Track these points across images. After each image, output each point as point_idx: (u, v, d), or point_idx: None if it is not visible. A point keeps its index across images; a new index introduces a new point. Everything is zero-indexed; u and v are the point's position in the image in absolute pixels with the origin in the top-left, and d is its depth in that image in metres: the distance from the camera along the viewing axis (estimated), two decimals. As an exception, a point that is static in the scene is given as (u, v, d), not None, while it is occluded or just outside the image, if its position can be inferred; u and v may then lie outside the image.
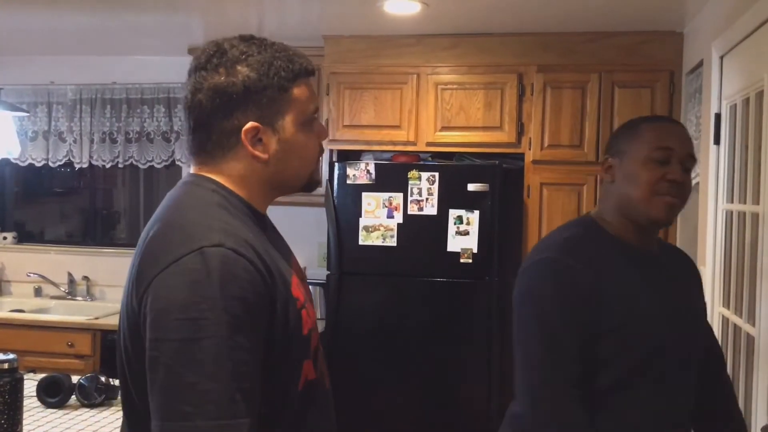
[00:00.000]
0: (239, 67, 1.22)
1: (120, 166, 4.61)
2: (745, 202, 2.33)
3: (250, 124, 1.22)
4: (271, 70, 1.23)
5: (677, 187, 1.55)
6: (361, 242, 3.65)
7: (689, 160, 1.59)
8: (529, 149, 3.65)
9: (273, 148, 1.25)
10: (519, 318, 1.59)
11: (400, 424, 3.62)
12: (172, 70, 4.45)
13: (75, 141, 4.63)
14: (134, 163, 4.59)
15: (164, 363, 1.06)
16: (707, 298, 2.70)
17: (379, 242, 3.64)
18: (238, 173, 1.26)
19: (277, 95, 1.24)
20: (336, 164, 3.71)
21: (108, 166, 4.62)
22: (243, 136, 1.22)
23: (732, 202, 2.50)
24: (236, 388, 1.06)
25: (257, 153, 1.24)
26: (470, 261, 3.53)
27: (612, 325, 1.51)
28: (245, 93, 1.22)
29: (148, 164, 4.58)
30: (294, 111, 1.26)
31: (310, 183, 1.34)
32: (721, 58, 2.63)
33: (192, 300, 1.07)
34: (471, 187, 3.55)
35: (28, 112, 4.49)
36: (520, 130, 3.65)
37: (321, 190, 3.94)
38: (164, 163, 4.57)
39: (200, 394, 1.05)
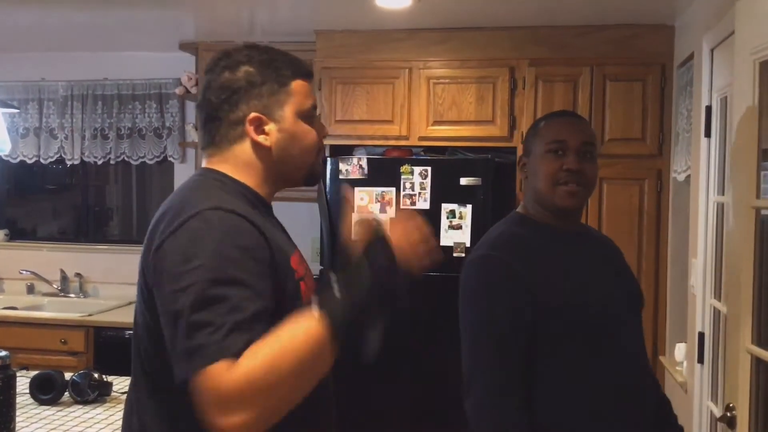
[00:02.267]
0: (242, 67, 1.39)
1: (112, 162, 4.59)
2: (736, 195, 2.34)
3: (253, 114, 1.37)
4: (270, 66, 1.39)
5: (576, 174, 1.70)
6: (354, 237, 3.63)
7: (586, 146, 1.73)
8: (521, 143, 3.64)
9: (275, 137, 1.38)
10: (462, 314, 1.73)
11: (395, 418, 3.63)
12: (164, 66, 4.43)
13: (66, 137, 4.62)
14: (126, 159, 4.57)
15: (179, 311, 1.18)
16: (699, 290, 2.72)
17: (372, 237, 3.63)
18: (243, 161, 1.39)
19: (277, 88, 1.38)
20: (328, 159, 3.71)
21: (100, 162, 4.61)
22: (247, 125, 1.37)
23: (723, 194, 2.51)
24: (231, 323, 1.15)
25: (260, 140, 1.38)
26: (463, 255, 3.54)
27: (555, 303, 1.64)
28: (247, 87, 1.37)
29: (140, 160, 4.57)
30: (293, 103, 1.39)
31: (311, 175, 1.46)
32: (712, 51, 2.64)
33: (194, 251, 1.20)
34: (463, 181, 3.56)
35: (18, 108, 4.47)
36: (512, 124, 3.66)
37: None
38: (156, 159, 4.55)
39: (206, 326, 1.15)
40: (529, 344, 1.64)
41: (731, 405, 1.86)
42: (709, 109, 2.65)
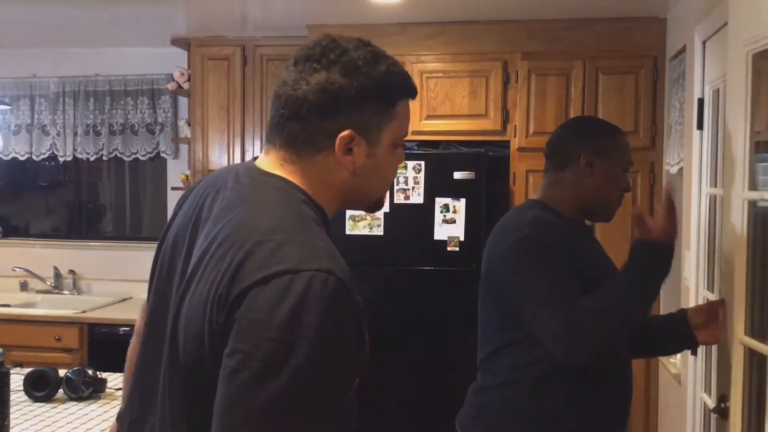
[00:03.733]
0: (356, 73, 1.16)
1: (104, 158, 4.58)
2: (728, 187, 2.34)
3: (347, 132, 1.15)
4: (384, 81, 1.18)
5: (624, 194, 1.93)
6: (348, 232, 3.64)
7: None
8: (515, 137, 3.65)
9: (361, 162, 1.18)
10: (518, 269, 1.80)
11: (389, 413, 3.63)
12: (156, 62, 4.42)
13: (58, 134, 4.60)
14: (119, 155, 4.56)
15: (242, 379, 0.96)
16: (692, 282, 2.73)
17: (365, 231, 3.64)
18: (320, 178, 1.18)
19: (383, 109, 1.18)
20: (322, 154, 3.70)
21: (92, 158, 4.59)
22: (338, 141, 1.15)
23: (715, 186, 2.51)
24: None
25: (345, 162, 1.17)
26: (457, 249, 3.54)
27: (592, 274, 1.79)
28: (355, 99, 1.15)
29: (133, 156, 4.55)
30: (392, 129, 1.20)
31: (378, 204, 1.28)
32: (704, 43, 2.64)
33: (291, 323, 0.97)
34: (457, 175, 3.56)
35: (10, 105, 4.45)
36: (506, 118, 3.66)
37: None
38: (149, 156, 4.54)
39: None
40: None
41: (724, 396, 1.87)
42: (701, 101, 2.65)
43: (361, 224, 3.63)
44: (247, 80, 4.04)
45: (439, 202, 3.58)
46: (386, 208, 3.60)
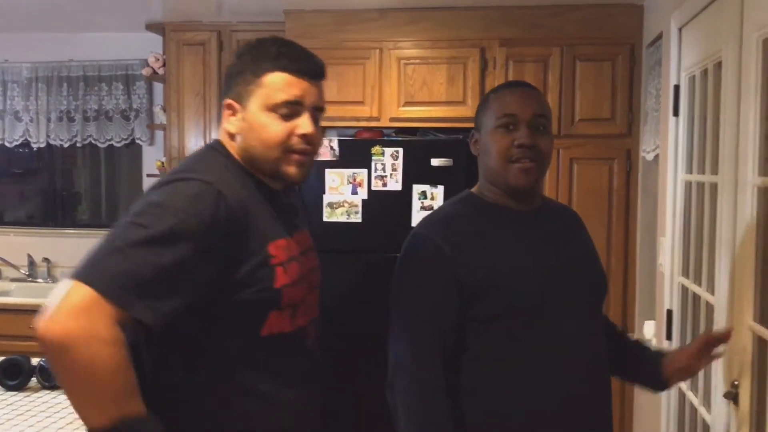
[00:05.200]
0: (239, 55, 1.52)
1: (79, 145, 4.52)
2: (704, 173, 2.36)
3: (228, 100, 1.51)
4: (253, 59, 1.49)
5: (528, 150, 1.61)
6: (325, 219, 3.63)
7: (538, 119, 1.63)
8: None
9: (237, 124, 1.49)
10: (394, 287, 1.70)
11: (369, 399, 3.63)
12: (131, 47, 4.36)
13: (31, 120, 4.53)
14: (93, 142, 4.50)
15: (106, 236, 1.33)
16: (667, 268, 2.75)
17: (343, 219, 3.62)
18: (228, 142, 1.52)
19: (250, 79, 1.48)
20: (299, 141, 3.67)
21: (66, 145, 4.53)
22: (225, 109, 1.51)
23: (691, 172, 2.53)
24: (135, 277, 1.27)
25: (226, 125, 1.51)
26: (435, 236, 3.54)
27: (480, 286, 1.58)
28: (234, 75, 1.51)
29: (108, 143, 4.50)
30: (260, 95, 1.47)
31: (278, 173, 1.50)
32: (680, 29, 2.65)
33: (153, 202, 1.34)
34: (435, 162, 3.55)
35: (-19, 90, 4.38)
36: (484, 105, 3.65)
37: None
38: (124, 142, 4.49)
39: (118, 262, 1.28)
40: (457, 325, 1.60)
41: (736, 382, 1.88)
42: (677, 88, 2.66)
43: (339, 211, 3.62)
44: (223, 66, 3.99)
45: (417, 189, 3.57)
46: (364, 195, 3.60)
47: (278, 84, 1.47)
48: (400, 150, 3.58)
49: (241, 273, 1.40)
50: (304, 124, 1.48)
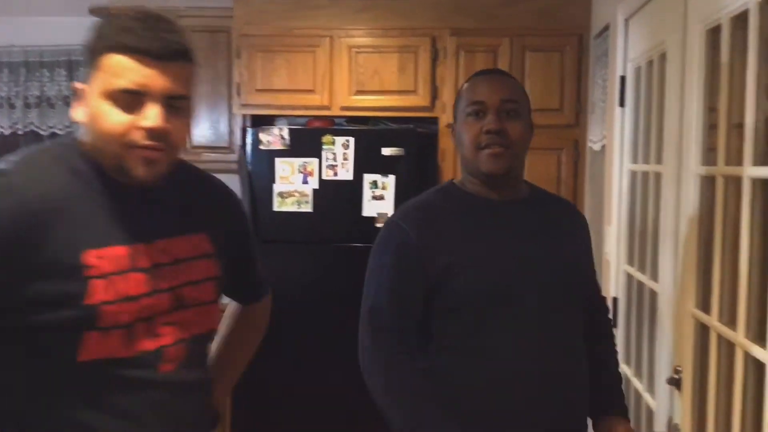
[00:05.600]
0: (91, 30, 1.29)
1: (20, 133, 4.37)
2: (648, 163, 2.40)
3: (74, 83, 1.32)
4: (91, 38, 1.27)
5: (497, 135, 1.61)
6: (275, 208, 3.60)
7: (507, 104, 1.63)
8: (443, 113, 3.65)
9: (83, 111, 1.29)
10: (366, 272, 1.77)
11: (320, 390, 3.62)
12: (73, 31, 4.20)
13: (-3, 107, 4.37)
14: (35, 129, 4.36)
15: None
16: (612, 257, 2.80)
17: (294, 208, 3.59)
18: (80, 131, 1.33)
19: (90, 60, 1.27)
20: (248, 129, 3.63)
21: (7, 133, 4.38)
22: (74, 93, 1.31)
23: (636, 162, 2.57)
24: None
25: (71, 113, 1.31)
26: (386, 225, 3.54)
27: (443, 276, 1.61)
28: (84, 57, 1.30)
29: (50, 131, 4.37)
30: (97, 80, 1.25)
31: (120, 168, 1.26)
32: (627, 21, 2.68)
33: None
34: (386, 151, 3.54)
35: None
36: (434, 94, 3.66)
37: (234, 156, 3.86)
38: (67, 130, 4.36)
39: None
40: (424, 313, 1.64)
41: (678, 368, 1.92)
42: (623, 78, 2.70)
43: (289, 201, 3.59)
44: (170, 52, 3.91)
45: (368, 178, 3.56)
46: (315, 184, 3.57)
47: (116, 68, 1.22)
48: (351, 139, 3.56)
49: (36, 285, 1.18)
50: (148, 115, 1.23)
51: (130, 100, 1.23)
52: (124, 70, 1.23)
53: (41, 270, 1.19)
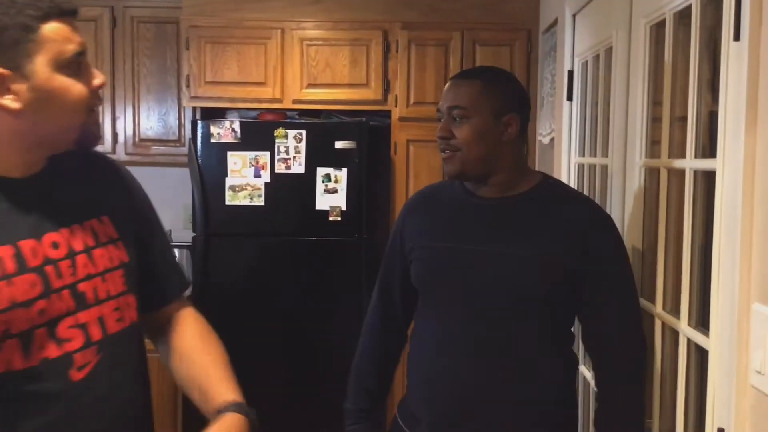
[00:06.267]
0: None
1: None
2: (595, 155, 2.45)
3: None
4: (12, 8, 1.11)
5: (442, 140, 1.72)
6: (227, 202, 3.56)
7: (453, 110, 1.71)
8: (396, 106, 3.67)
9: (26, 97, 1.13)
10: None
11: (271, 385, 3.61)
12: None
13: None
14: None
15: None
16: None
17: (246, 202, 3.57)
18: None
19: (22, 35, 1.11)
20: (199, 122, 3.59)
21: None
22: None
23: (583, 155, 2.62)
24: None
25: (5, 103, 1.13)
26: (339, 219, 3.54)
27: (410, 258, 1.82)
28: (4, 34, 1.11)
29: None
30: (47, 52, 1.13)
31: (84, 137, 1.22)
32: (574, 16, 2.73)
33: None
34: (338, 144, 3.54)
35: None
36: (387, 88, 3.66)
37: (184, 149, 3.81)
38: None
39: None
40: (405, 291, 1.87)
41: None
42: (570, 73, 2.74)
43: (242, 194, 3.56)
44: (116, 43, 3.84)
45: (321, 171, 3.55)
46: (267, 178, 3.55)
47: (62, 34, 1.15)
48: (304, 132, 3.55)
49: None
50: (97, 74, 1.21)
51: (77, 64, 1.17)
52: (68, 34, 1.16)
53: None
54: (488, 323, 1.69)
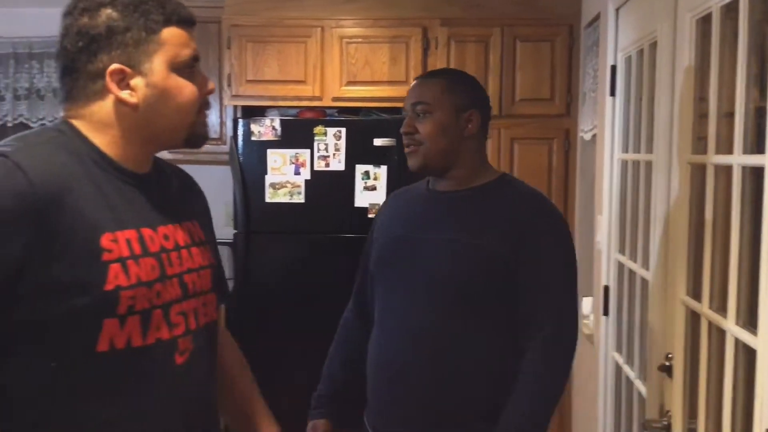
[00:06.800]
0: (103, 10, 1.21)
1: (9, 125, 4.35)
2: (639, 152, 2.42)
3: (114, 66, 1.21)
4: (137, 11, 1.22)
5: (407, 136, 1.82)
6: (267, 200, 3.60)
7: (416, 106, 1.81)
8: (435, 103, 3.66)
9: (143, 93, 1.23)
10: None
11: (311, 381, 3.62)
12: (63, 23, 4.21)
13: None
14: (24, 121, 4.34)
15: None
16: (604, 246, 2.81)
17: (286, 199, 3.60)
18: (101, 119, 1.24)
19: (144, 36, 1.22)
20: (240, 121, 3.63)
21: (-4, 125, 4.37)
22: (108, 78, 1.21)
23: (627, 151, 2.59)
24: None
25: (124, 96, 1.22)
26: (378, 216, 3.54)
27: (374, 247, 1.95)
28: (108, 34, 1.21)
29: (40, 122, 4.35)
30: (165, 54, 1.24)
31: (193, 136, 1.31)
32: (617, 10, 2.69)
33: None
34: (377, 141, 3.55)
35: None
36: (426, 85, 3.65)
37: (225, 147, 3.85)
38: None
39: None
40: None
41: (670, 355, 1.94)
42: (614, 68, 2.71)
43: (282, 192, 3.59)
44: (160, 44, 3.89)
45: (360, 169, 3.57)
46: (307, 175, 3.57)
47: (179, 39, 1.25)
48: (343, 130, 3.56)
49: (53, 271, 1.11)
50: (208, 81, 1.33)
51: (191, 69, 1.27)
52: (186, 40, 1.26)
53: (58, 254, 1.12)
54: (427, 309, 1.78)
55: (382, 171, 3.55)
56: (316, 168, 3.57)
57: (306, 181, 3.58)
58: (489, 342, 1.77)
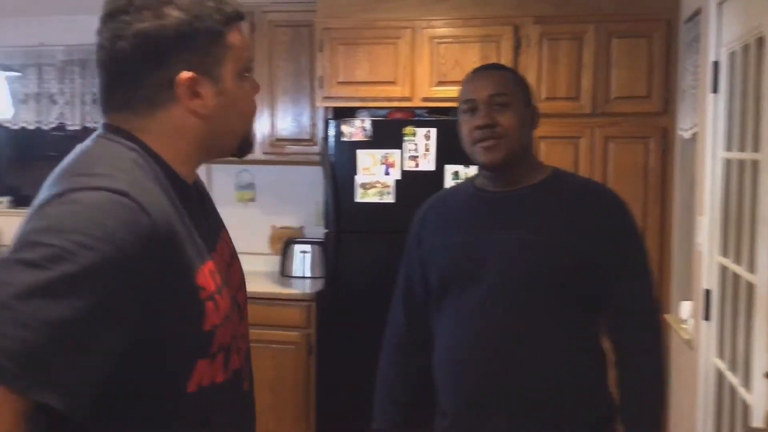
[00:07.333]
0: (167, 10, 1.05)
1: (90, 127, 4.53)
2: (744, 150, 2.32)
3: (185, 74, 1.07)
4: (203, 12, 1.07)
5: (488, 129, 1.69)
6: (357, 199, 3.64)
7: (495, 98, 1.71)
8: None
9: (213, 102, 1.10)
10: None
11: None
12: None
13: (67, 103, 4.57)
14: (88, 125, 4.51)
15: None
16: (705, 247, 2.71)
17: (376, 199, 3.63)
18: (167, 132, 1.10)
19: (214, 40, 1.09)
20: (331, 122, 3.68)
21: (78, 127, 4.55)
22: (179, 87, 1.07)
23: (730, 150, 2.49)
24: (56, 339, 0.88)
25: (196, 108, 1.09)
26: (468, 216, 3.53)
27: (427, 259, 1.82)
28: (177, 38, 1.06)
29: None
30: (232, 59, 1.11)
31: (244, 145, 1.20)
32: (720, 5, 2.59)
33: (64, 228, 0.93)
34: (468, 141, 3.53)
35: (20, 72, 4.43)
36: (517, 84, 3.62)
37: (316, 148, 3.92)
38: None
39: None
40: (425, 293, 1.85)
41: None
42: (716, 64, 2.61)
43: (372, 192, 3.63)
44: (256, 48, 3.99)
45: (450, 169, 3.56)
46: (397, 175, 3.59)
47: (242, 42, 1.14)
48: (433, 130, 3.57)
49: (162, 319, 0.99)
50: (256, 82, 1.21)
51: (250, 72, 1.17)
52: (247, 42, 1.16)
53: (171, 297, 1.00)
54: (505, 311, 1.69)
55: (472, 171, 3.52)
56: (405, 168, 3.59)
57: (396, 181, 3.60)
58: (569, 345, 1.70)
